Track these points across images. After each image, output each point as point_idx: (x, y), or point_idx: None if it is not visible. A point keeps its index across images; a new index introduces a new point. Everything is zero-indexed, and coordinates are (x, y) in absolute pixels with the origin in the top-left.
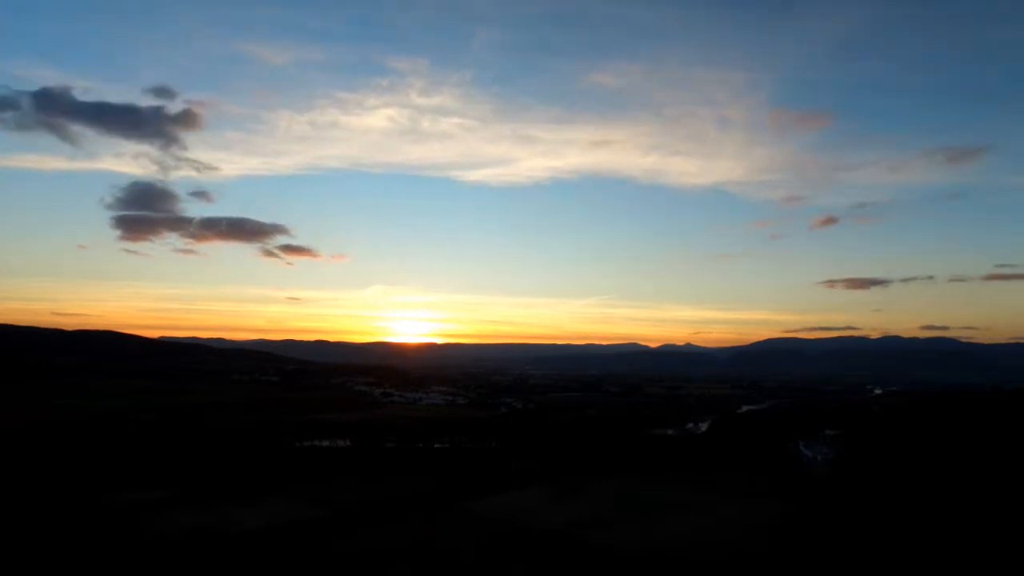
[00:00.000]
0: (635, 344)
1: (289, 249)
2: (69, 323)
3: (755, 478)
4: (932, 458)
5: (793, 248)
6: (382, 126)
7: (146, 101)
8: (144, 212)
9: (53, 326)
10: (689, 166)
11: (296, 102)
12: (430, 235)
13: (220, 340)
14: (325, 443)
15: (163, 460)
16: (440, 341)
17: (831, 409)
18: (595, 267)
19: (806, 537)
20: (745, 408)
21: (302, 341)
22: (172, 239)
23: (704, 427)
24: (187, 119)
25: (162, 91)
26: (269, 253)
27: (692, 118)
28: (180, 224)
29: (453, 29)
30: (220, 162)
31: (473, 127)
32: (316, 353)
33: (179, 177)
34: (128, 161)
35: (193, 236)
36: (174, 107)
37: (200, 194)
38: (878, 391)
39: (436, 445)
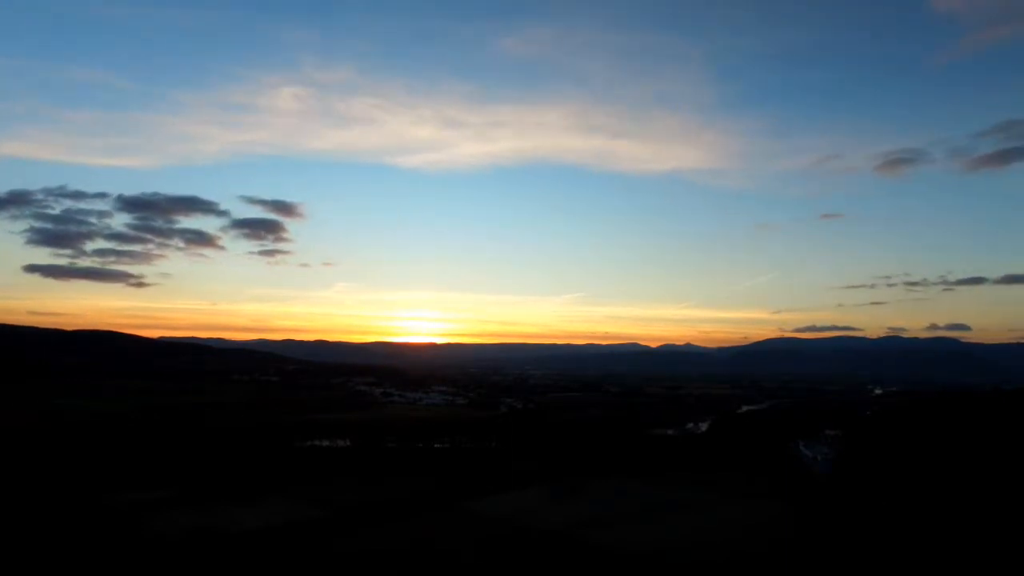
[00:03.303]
0: (635, 344)
1: (243, 235)
2: (53, 323)
3: (755, 478)
4: (932, 458)
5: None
6: (290, 107)
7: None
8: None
9: (51, 326)
10: (640, 151)
11: (191, 77)
12: (387, 226)
13: (220, 340)
14: (325, 443)
15: (163, 460)
16: (440, 341)
17: (831, 409)
18: (565, 262)
19: (806, 537)
20: (745, 408)
21: (302, 341)
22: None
23: (704, 427)
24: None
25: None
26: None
27: (627, 93)
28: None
29: None
30: (128, 148)
31: (390, 108)
32: (316, 353)
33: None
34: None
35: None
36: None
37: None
38: (878, 391)
39: (436, 445)
